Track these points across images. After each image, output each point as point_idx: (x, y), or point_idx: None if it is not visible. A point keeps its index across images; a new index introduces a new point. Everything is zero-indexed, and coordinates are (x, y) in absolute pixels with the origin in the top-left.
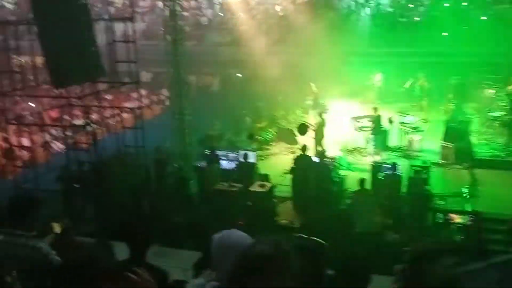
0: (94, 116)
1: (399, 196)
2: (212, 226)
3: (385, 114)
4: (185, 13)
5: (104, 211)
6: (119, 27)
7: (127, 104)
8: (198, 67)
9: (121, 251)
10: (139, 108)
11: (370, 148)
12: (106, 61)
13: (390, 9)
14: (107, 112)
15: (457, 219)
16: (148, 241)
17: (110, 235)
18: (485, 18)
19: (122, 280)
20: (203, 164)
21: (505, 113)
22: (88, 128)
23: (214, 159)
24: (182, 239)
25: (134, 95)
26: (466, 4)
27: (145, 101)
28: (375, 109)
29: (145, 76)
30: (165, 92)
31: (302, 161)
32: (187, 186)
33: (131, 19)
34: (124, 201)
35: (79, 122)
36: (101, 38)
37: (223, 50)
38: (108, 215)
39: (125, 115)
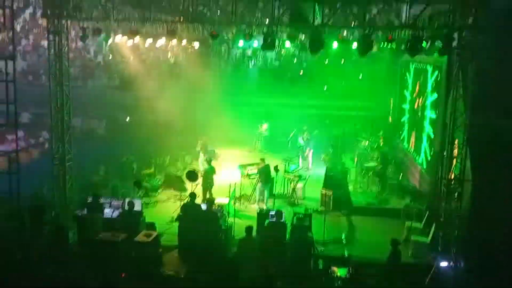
0: None
1: (283, 243)
2: (92, 280)
3: (271, 162)
4: (71, 54)
5: None
6: None
7: (1, 147)
8: (83, 110)
9: None
10: (15, 151)
11: (257, 195)
12: None
13: (277, 63)
14: None
15: (338, 272)
16: None
17: None
18: (360, 76)
19: None
20: (84, 212)
21: (377, 164)
22: None
23: (96, 207)
24: None
25: (10, 137)
26: (343, 62)
27: (23, 144)
28: (263, 160)
29: (25, 117)
30: (45, 135)
31: (189, 208)
32: (65, 236)
33: (11, 57)
34: None
35: None
36: None
37: (111, 93)
38: None
39: None
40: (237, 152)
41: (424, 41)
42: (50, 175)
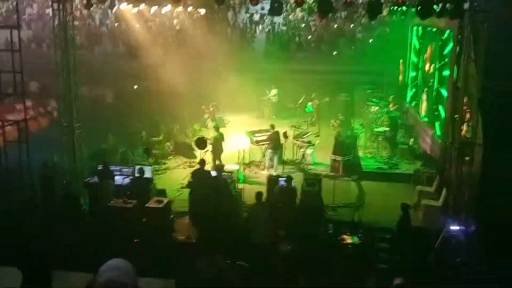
0: None
1: (293, 208)
2: (105, 245)
3: (279, 129)
4: (76, 22)
5: None
6: (4, 34)
7: (11, 117)
8: (90, 78)
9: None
10: (24, 120)
11: (267, 161)
12: None
13: (284, 28)
14: None
15: (348, 239)
16: (41, 267)
17: None
18: (372, 40)
19: None
20: (95, 179)
21: (388, 129)
22: None
23: (107, 175)
24: (72, 261)
25: (19, 106)
26: (353, 25)
27: (31, 113)
28: (273, 126)
29: (33, 86)
30: (53, 103)
31: (199, 175)
32: (77, 203)
33: (16, 26)
34: (7, 222)
35: None
36: None
37: (117, 61)
38: None
39: (8, 128)
40: (245, 118)
41: (435, 4)
42: (59, 144)
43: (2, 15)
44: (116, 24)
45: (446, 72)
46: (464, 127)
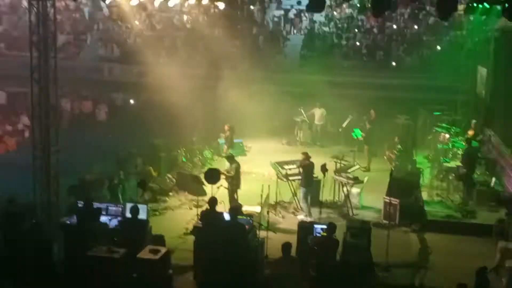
0: None
1: (333, 266)
2: None
3: (317, 159)
4: (59, 16)
5: None
6: None
7: None
8: (74, 88)
9: None
10: None
11: (298, 203)
12: None
13: (326, 29)
14: None
15: None
16: None
17: None
18: (439, 48)
19: None
20: (73, 220)
21: (461, 164)
22: None
23: (89, 214)
24: None
25: None
26: (416, 27)
27: None
28: (306, 154)
29: (1, 97)
30: (25, 120)
31: (209, 218)
32: (49, 250)
33: None
34: None
35: None
36: None
37: (109, 68)
38: None
39: None
40: (272, 145)
41: None
42: (30, 172)
43: None
44: (110, 20)
45: None
46: None
